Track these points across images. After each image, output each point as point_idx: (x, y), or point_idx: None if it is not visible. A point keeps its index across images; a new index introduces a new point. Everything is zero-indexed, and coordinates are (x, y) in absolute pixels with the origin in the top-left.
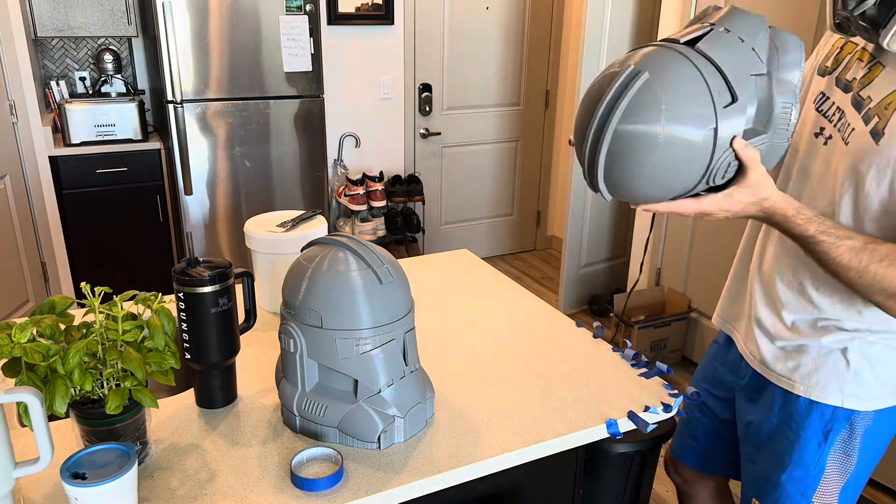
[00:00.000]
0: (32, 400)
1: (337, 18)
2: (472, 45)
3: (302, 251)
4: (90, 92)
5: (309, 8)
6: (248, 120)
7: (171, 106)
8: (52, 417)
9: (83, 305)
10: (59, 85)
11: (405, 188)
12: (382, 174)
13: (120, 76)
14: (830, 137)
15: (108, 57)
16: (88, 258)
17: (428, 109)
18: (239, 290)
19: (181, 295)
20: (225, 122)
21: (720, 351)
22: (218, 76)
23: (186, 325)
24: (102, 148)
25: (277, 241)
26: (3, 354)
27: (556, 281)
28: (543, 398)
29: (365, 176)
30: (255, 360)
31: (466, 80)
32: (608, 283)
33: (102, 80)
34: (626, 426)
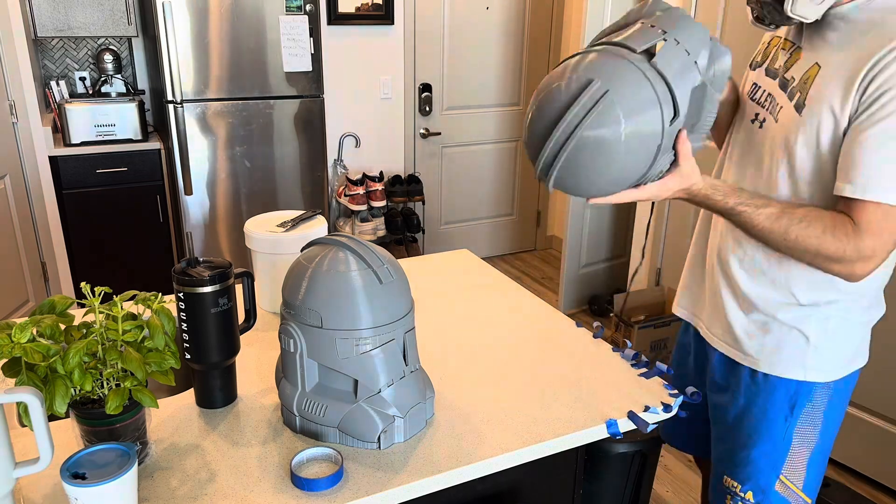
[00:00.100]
0: (32, 400)
1: (337, 18)
2: (472, 45)
3: (302, 251)
4: (90, 92)
5: (309, 8)
6: (248, 120)
7: (171, 106)
8: (52, 417)
9: (83, 305)
10: (59, 85)
11: (405, 188)
12: (382, 174)
13: (120, 76)
14: (764, 120)
15: (108, 57)
16: (88, 258)
17: (428, 109)
18: (239, 290)
19: (181, 295)
20: (225, 122)
21: (685, 349)
22: (218, 76)
23: (186, 325)
24: (102, 148)
25: (277, 241)
26: (3, 354)
27: (556, 281)
28: (543, 398)
29: (365, 176)
30: (255, 360)
31: (466, 80)
32: (608, 283)
33: (102, 80)
34: (626, 426)
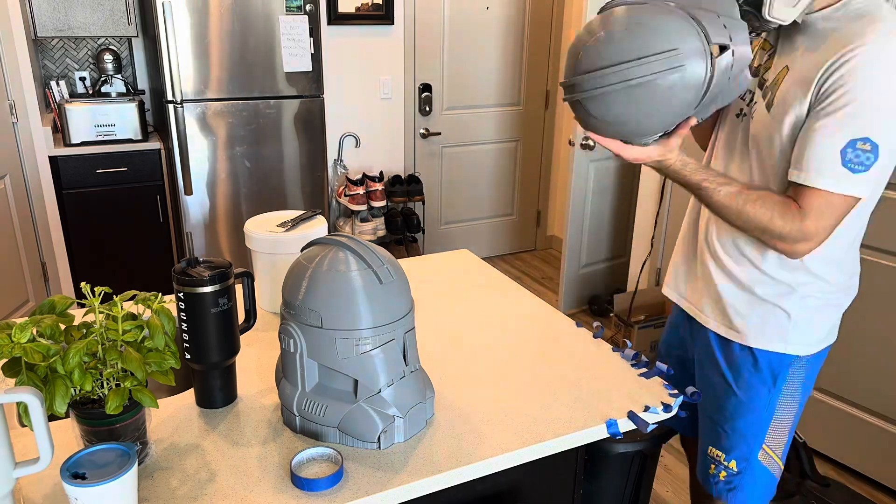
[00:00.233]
0: (32, 400)
1: (337, 18)
2: (472, 45)
3: (302, 251)
4: (90, 92)
5: (309, 8)
6: (248, 120)
7: (171, 106)
8: (52, 417)
9: (83, 305)
10: (59, 85)
11: (405, 188)
12: (382, 174)
13: (120, 76)
14: (745, 115)
15: (108, 57)
16: (88, 258)
17: (428, 109)
18: (239, 290)
19: (181, 295)
20: (225, 122)
21: (675, 329)
22: (218, 76)
23: (186, 325)
24: (102, 148)
25: (277, 241)
26: (3, 354)
27: (556, 281)
28: (543, 398)
29: (365, 176)
30: (255, 360)
31: (466, 80)
32: (608, 283)
33: (102, 80)
34: (626, 426)
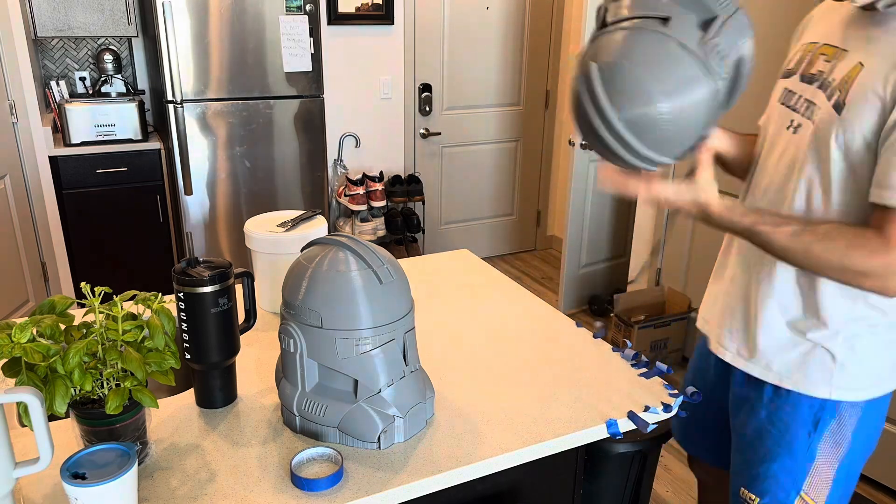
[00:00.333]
0: (32, 400)
1: (337, 18)
2: (472, 45)
3: (302, 251)
4: (90, 92)
5: (309, 8)
6: (248, 120)
7: (171, 106)
8: (52, 417)
9: (83, 305)
10: (59, 85)
11: (405, 188)
12: (382, 174)
13: (120, 76)
14: (800, 126)
15: (108, 57)
16: (88, 258)
17: (428, 109)
18: (239, 290)
19: (181, 295)
20: (225, 122)
21: (704, 358)
22: (218, 76)
23: (186, 325)
24: (102, 148)
25: (277, 241)
26: (3, 354)
27: (556, 281)
28: (543, 398)
29: (365, 176)
30: (255, 360)
31: (466, 80)
32: (608, 283)
33: (102, 80)
34: (626, 426)
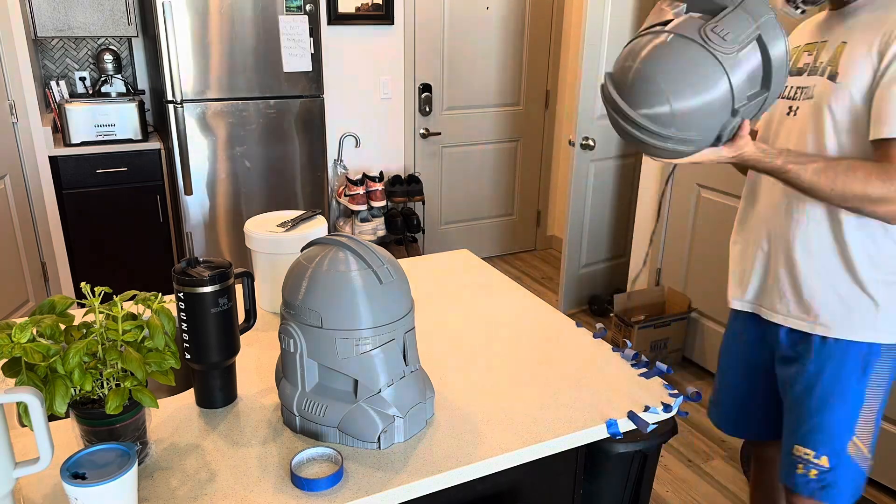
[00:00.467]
0: (32, 400)
1: (337, 18)
2: (472, 45)
3: (302, 251)
4: (90, 92)
5: (309, 8)
6: (248, 120)
7: (171, 106)
8: (52, 417)
9: (83, 305)
10: (59, 85)
11: (405, 188)
12: (382, 174)
13: (120, 76)
14: (798, 108)
15: (108, 57)
16: (88, 258)
17: (428, 109)
18: (239, 290)
19: (181, 295)
20: (225, 122)
21: (737, 337)
22: (218, 76)
23: (186, 325)
24: (102, 148)
25: (277, 241)
26: (3, 354)
27: (556, 281)
28: (543, 398)
29: (365, 176)
30: (255, 360)
31: (466, 80)
32: (608, 283)
33: (102, 80)
34: (626, 426)
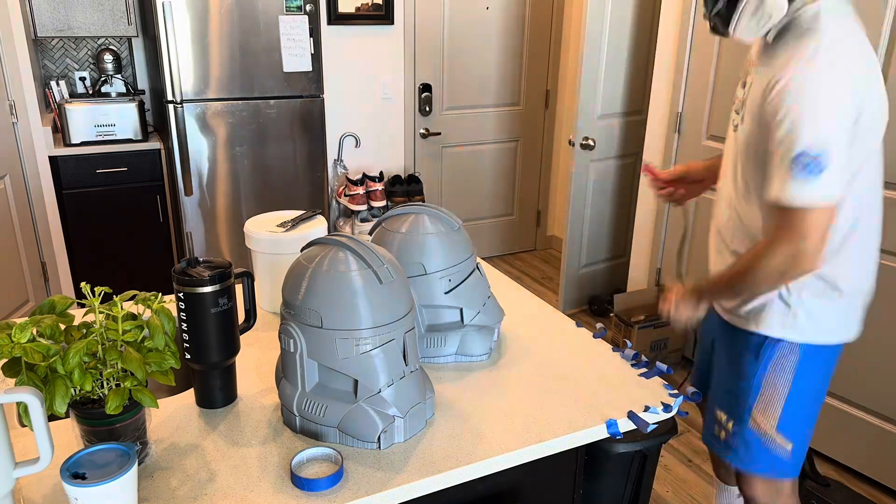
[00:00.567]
0: (32, 400)
1: (337, 18)
2: (472, 45)
3: (302, 251)
4: (90, 92)
5: (309, 8)
6: (248, 120)
7: (171, 106)
8: (52, 417)
9: (83, 305)
10: (59, 85)
11: (405, 188)
12: (382, 174)
13: (120, 76)
14: (738, 125)
15: (108, 57)
16: (88, 258)
17: (428, 109)
18: (239, 290)
19: (181, 295)
20: (225, 122)
21: (706, 333)
22: (218, 76)
23: (186, 325)
24: (102, 148)
25: (277, 241)
26: (3, 354)
27: (556, 281)
28: (543, 398)
29: (365, 176)
30: (255, 360)
31: (466, 80)
32: (608, 283)
33: (102, 80)
34: (626, 426)
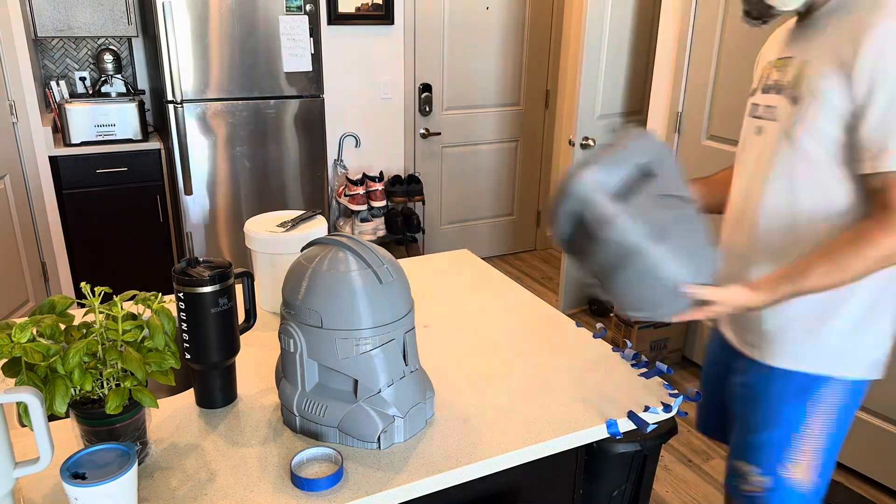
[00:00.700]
0: (32, 400)
1: (337, 18)
2: (472, 45)
3: (302, 251)
4: (90, 92)
5: (309, 8)
6: (248, 120)
7: (171, 106)
8: (52, 417)
9: (83, 305)
10: (59, 85)
11: (405, 188)
12: (382, 174)
13: (120, 76)
14: (762, 128)
15: (108, 57)
16: (88, 258)
17: (428, 109)
18: (239, 290)
19: (181, 295)
20: (225, 122)
21: (711, 337)
22: (218, 76)
23: (186, 325)
24: (102, 148)
25: (277, 241)
26: (3, 354)
27: (556, 281)
28: (543, 398)
29: (365, 176)
30: (255, 360)
31: (466, 80)
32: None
33: (102, 80)
34: (626, 426)
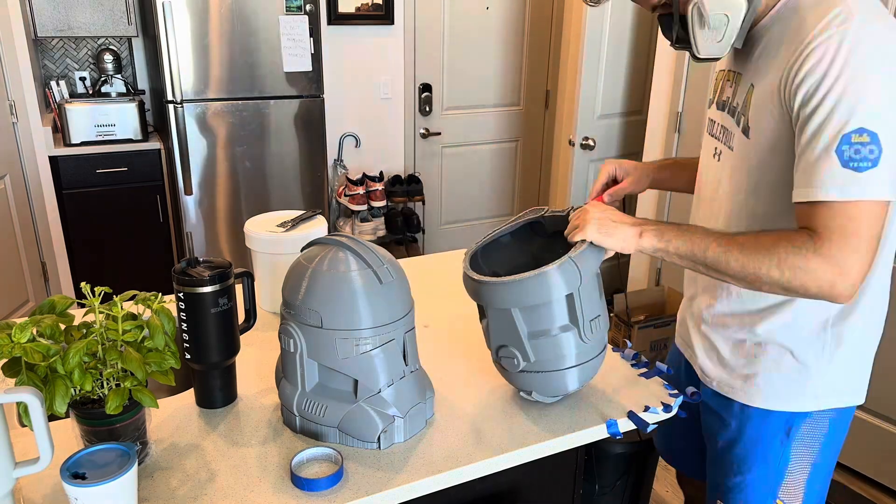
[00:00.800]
0: (32, 400)
1: (337, 18)
2: (472, 45)
3: (302, 251)
4: (90, 92)
5: (309, 8)
6: (247, 120)
7: (171, 106)
8: (52, 417)
9: (83, 305)
10: (59, 85)
11: (405, 188)
12: (382, 174)
13: (120, 76)
14: (721, 153)
15: (108, 57)
16: (88, 258)
17: (428, 109)
18: (239, 290)
19: (181, 295)
20: (225, 122)
21: (676, 367)
22: (218, 76)
23: (186, 325)
24: (102, 148)
25: (277, 241)
26: (3, 354)
27: None
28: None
29: (365, 176)
30: (255, 360)
31: (466, 80)
32: (608, 283)
33: (102, 80)
34: (626, 426)
